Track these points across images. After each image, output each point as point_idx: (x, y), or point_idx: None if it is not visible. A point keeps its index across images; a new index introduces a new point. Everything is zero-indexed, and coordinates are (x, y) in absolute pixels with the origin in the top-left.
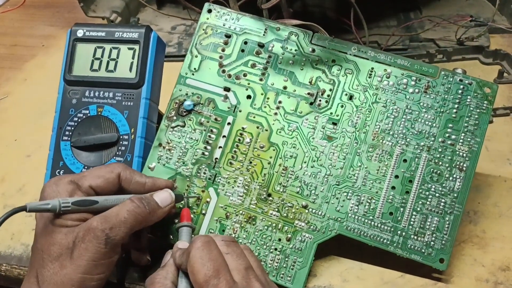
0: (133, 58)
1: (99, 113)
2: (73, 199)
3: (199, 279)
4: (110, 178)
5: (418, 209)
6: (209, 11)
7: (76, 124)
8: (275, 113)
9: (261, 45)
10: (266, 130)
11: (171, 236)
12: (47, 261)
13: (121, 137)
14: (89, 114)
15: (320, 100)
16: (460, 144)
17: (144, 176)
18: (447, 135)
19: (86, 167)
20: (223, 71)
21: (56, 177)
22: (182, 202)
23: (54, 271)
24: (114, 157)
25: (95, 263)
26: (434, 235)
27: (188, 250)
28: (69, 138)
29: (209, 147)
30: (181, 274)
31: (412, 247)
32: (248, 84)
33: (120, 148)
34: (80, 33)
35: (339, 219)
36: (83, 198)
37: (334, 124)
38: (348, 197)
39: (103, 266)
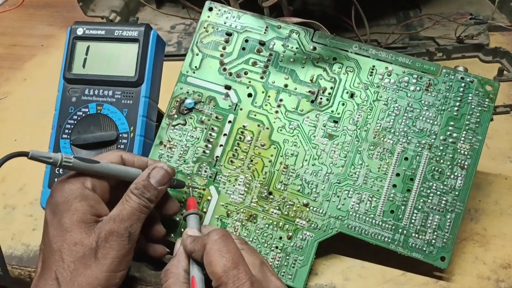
0: (132, 56)
1: (99, 111)
2: (75, 156)
3: (217, 270)
4: (112, 159)
5: (419, 207)
6: (210, 9)
7: (75, 122)
8: (276, 111)
9: (262, 43)
10: (267, 128)
11: (172, 235)
12: (69, 261)
13: (121, 135)
14: (88, 112)
15: (321, 98)
16: (461, 142)
17: (144, 158)
18: (448, 133)
19: None
20: (224, 69)
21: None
22: (185, 189)
23: (78, 271)
24: None
25: (120, 260)
26: (435, 233)
27: (203, 242)
28: (68, 136)
29: (210, 145)
30: (192, 262)
31: (413, 245)
32: (249, 82)
33: (119, 146)
34: (80, 31)
35: (340, 217)
36: (84, 156)
37: (335, 122)
38: (349, 195)
39: (126, 262)
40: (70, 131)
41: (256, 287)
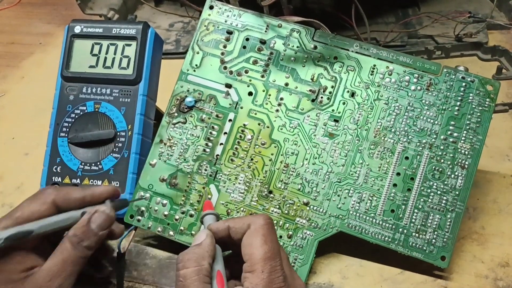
0: (130, 54)
1: (96, 109)
2: (7, 233)
3: (257, 255)
4: (44, 211)
5: (420, 206)
6: (211, 7)
7: (73, 120)
8: (277, 110)
9: (262, 42)
10: (268, 127)
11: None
12: None
13: (118, 133)
14: (86, 111)
15: (322, 97)
16: (462, 141)
17: (81, 190)
18: (449, 132)
19: (83, 164)
20: (225, 68)
21: None
22: (127, 207)
23: None
24: (111, 154)
25: None
26: (435, 232)
27: (247, 221)
28: (66, 135)
29: (210, 144)
30: (218, 257)
31: (414, 244)
32: (250, 80)
33: (117, 144)
34: (77, 29)
35: (341, 216)
36: (17, 230)
37: (336, 121)
38: (349, 195)
39: None
40: (67, 130)
41: (287, 282)
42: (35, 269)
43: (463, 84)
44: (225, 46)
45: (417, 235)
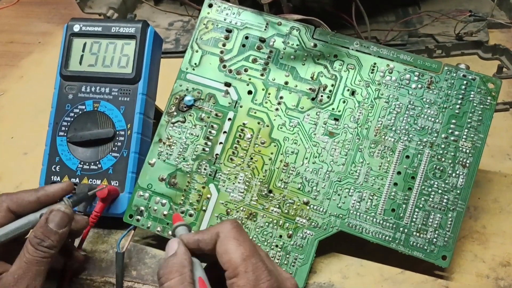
0: (129, 53)
1: (96, 108)
2: None
3: (235, 258)
4: (1, 219)
5: (421, 205)
6: (210, 5)
7: (72, 119)
8: (276, 109)
9: (262, 40)
10: (267, 126)
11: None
12: None
13: (118, 132)
14: (85, 110)
15: (321, 96)
16: (463, 140)
17: (33, 192)
18: (450, 131)
19: (82, 163)
20: (224, 66)
21: None
22: (89, 197)
23: None
24: (110, 153)
25: None
26: (436, 232)
27: (215, 231)
28: (65, 134)
29: (209, 143)
30: (195, 263)
31: (415, 244)
32: (249, 79)
33: (116, 143)
34: (76, 28)
35: (341, 215)
36: None
37: (336, 120)
38: (349, 194)
39: None
40: (66, 129)
41: (272, 275)
42: (2, 275)
43: (464, 82)
44: (224, 45)
45: (418, 234)
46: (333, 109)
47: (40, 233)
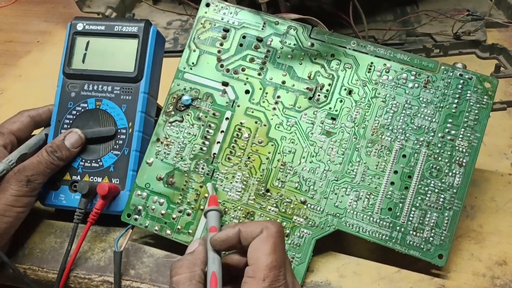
0: (132, 52)
1: (98, 106)
2: (11, 157)
3: (264, 261)
4: (24, 121)
5: (417, 204)
6: (208, 5)
7: (74, 117)
8: (274, 108)
9: (259, 40)
10: (265, 125)
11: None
12: None
13: (119, 131)
14: (87, 108)
15: (319, 95)
16: (459, 139)
17: (43, 108)
18: (446, 130)
19: (83, 160)
20: (222, 66)
21: None
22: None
23: None
24: (112, 151)
25: (16, 198)
26: (433, 231)
27: (261, 226)
28: None
29: (207, 142)
30: (214, 257)
31: (411, 243)
32: (247, 78)
33: (117, 142)
34: (80, 26)
35: (338, 214)
36: (17, 155)
37: (333, 119)
38: (346, 193)
39: (22, 202)
40: (68, 126)
41: None
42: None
43: (461, 81)
44: (221, 44)
45: (414, 233)
46: (330, 108)
47: (55, 145)
